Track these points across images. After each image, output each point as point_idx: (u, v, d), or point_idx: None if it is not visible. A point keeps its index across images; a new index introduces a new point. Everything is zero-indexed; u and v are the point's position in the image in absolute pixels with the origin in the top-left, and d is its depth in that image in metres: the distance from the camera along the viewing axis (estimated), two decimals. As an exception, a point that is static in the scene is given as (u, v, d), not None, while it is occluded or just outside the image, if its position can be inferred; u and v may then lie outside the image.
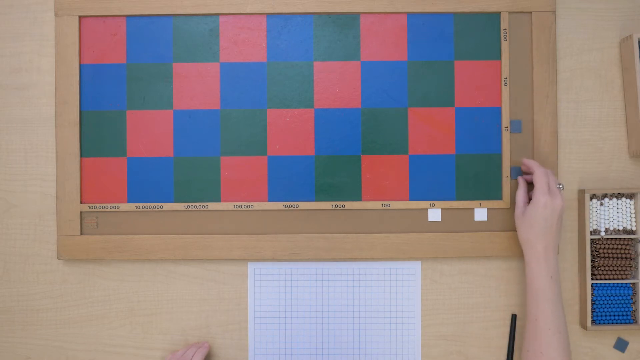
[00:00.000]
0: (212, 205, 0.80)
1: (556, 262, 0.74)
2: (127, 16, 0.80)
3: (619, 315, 0.79)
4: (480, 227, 0.80)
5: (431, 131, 0.80)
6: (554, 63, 0.80)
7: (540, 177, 0.74)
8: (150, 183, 0.80)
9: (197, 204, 0.80)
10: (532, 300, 0.73)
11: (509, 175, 0.80)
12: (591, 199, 0.81)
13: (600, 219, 0.80)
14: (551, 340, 0.71)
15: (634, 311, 0.80)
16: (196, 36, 0.81)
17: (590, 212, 0.80)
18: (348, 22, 0.81)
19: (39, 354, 0.82)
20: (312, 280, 0.82)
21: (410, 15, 0.80)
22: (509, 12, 0.80)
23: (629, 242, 0.80)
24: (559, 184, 0.75)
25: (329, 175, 0.80)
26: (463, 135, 0.80)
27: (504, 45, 0.80)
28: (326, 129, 0.80)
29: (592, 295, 0.80)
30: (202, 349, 0.78)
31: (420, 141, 0.80)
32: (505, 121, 0.80)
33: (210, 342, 0.82)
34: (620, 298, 0.79)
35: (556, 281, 0.73)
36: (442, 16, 0.80)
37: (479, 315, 0.82)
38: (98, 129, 0.80)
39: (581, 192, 0.80)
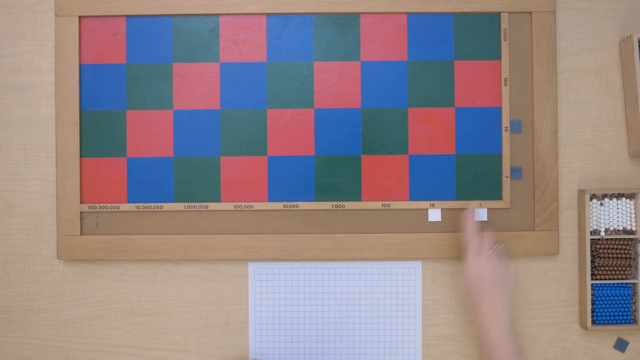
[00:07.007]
0: (212, 205, 0.80)
1: (503, 324, 0.70)
2: (127, 16, 0.80)
3: (619, 315, 0.79)
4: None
5: (431, 131, 0.80)
6: (554, 63, 0.80)
7: (472, 240, 0.74)
8: (150, 183, 0.80)
9: (197, 204, 0.80)
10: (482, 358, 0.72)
11: (509, 175, 0.80)
12: (591, 199, 0.81)
13: (600, 219, 0.80)
14: None
15: (634, 311, 0.80)
16: (196, 36, 0.81)
17: (590, 212, 0.80)
18: (348, 22, 0.81)
19: (39, 354, 0.82)
20: (312, 280, 0.82)
21: (410, 15, 0.80)
22: (509, 12, 0.80)
23: (629, 242, 0.80)
24: (494, 246, 0.74)
25: (329, 175, 0.80)
26: (463, 135, 0.80)
27: (504, 45, 0.80)
28: (326, 129, 0.80)
29: (592, 295, 0.80)
30: None
31: (420, 141, 0.80)
32: (505, 121, 0.80)
33: (210, 342, 0.82)
34: (620, 298, 0.79)
35: (507, 345, 0.68)
36: (442, 16, 0.80)
37: (479, 315, 0.82)
38: (98, 129, 0.80)
39: (581, 192, 0.80)
